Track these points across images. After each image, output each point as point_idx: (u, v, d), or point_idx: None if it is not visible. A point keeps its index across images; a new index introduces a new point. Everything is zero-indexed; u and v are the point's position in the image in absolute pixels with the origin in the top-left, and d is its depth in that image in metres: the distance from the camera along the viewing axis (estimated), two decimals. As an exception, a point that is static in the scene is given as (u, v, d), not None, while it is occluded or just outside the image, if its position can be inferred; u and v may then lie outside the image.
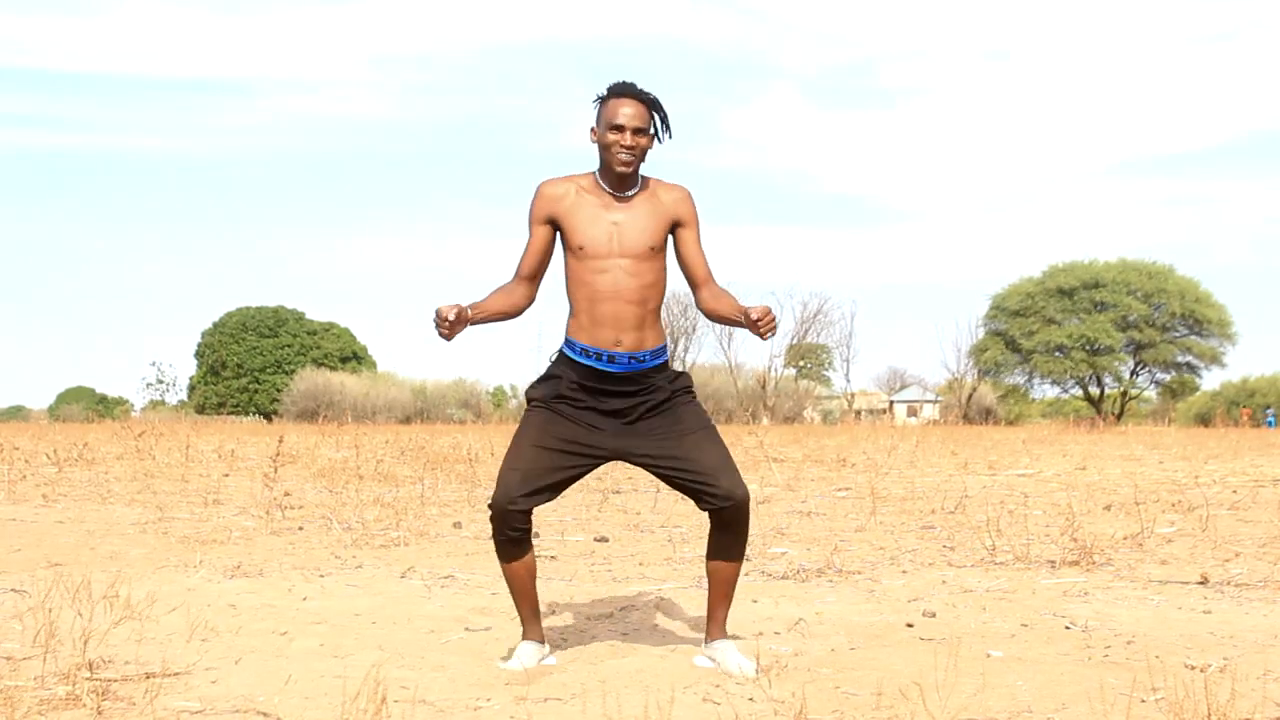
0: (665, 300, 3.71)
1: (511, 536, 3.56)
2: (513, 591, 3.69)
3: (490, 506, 3.55)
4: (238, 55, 79.76)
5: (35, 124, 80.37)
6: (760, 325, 3.39)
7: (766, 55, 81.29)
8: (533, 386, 3.65)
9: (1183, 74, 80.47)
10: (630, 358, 3.54)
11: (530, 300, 3.70)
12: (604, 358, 3.53)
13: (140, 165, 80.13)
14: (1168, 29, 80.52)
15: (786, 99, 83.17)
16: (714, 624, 3.70)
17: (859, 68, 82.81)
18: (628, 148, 3.50)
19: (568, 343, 3.61)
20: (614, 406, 3.55)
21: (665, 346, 3.65)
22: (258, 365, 56.06)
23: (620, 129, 3.49)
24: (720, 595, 3.68)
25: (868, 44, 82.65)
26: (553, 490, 3.57)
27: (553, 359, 3.65)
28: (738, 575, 3.68)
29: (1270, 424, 42.43)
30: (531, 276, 3.67)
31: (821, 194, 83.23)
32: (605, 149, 3.53)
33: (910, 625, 4.34)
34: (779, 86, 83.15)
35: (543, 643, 3.75)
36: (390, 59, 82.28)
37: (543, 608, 3.81)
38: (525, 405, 3.68)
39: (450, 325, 3.47)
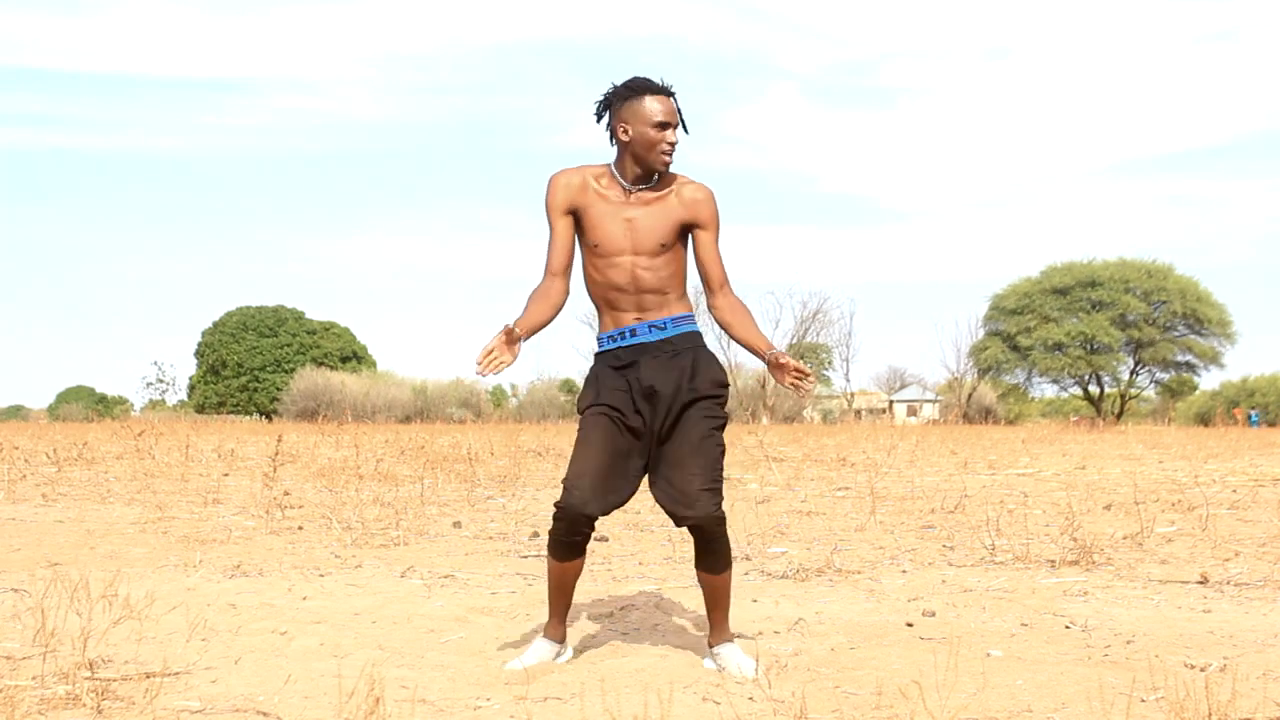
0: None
1: (574, 541, 3.54)
2: (552, 589, 3.67)
3: (560, 509, 3.48)
4: (238, 55, 79.87)
5: (35, 124, 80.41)
6: (795, 382, 3.39)
7: (766, 55, 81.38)
8: (581, 395, 3.64)
9: (1183, 74, 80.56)
10: (650, 326, 3.51)
11: (567, 294, 3.64)
12: (626, 334, 3.52)
13: (140, 165, 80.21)
14: (1168, 29, 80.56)
15: (786, 99, 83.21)
16: (714, 629, 3.68)
17: (859, 68, 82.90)
18: (673, 144, 3.48)
19: (597, 341, 3.61)
20: (648, 382, 3.48)
21: (692, 316, 3.59)
22: (257, 365, 56.05)
23: (666, 126, 3.46)
24: (712, 603, 3.65)
25: (868, 44, 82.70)
26: (626, 492, 3.52)
27: (592, 366, 3.64)
28: (726, 585, 3.63)
29: (1254, 423, 42.43)
30: (564, 270, 3.62)
31: (821, 194, 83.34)
32: (649, 147, 3.46)
33: (910, 625, 4.34)
34: (779, 86, 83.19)
35: (561, 642, 3.73)
36: (390, 59, 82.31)
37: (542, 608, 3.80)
38: (577, 415, 3.64)
39: (505, 352, 3.44)
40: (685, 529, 3.53)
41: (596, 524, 3.58)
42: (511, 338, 3.45)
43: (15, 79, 79.65)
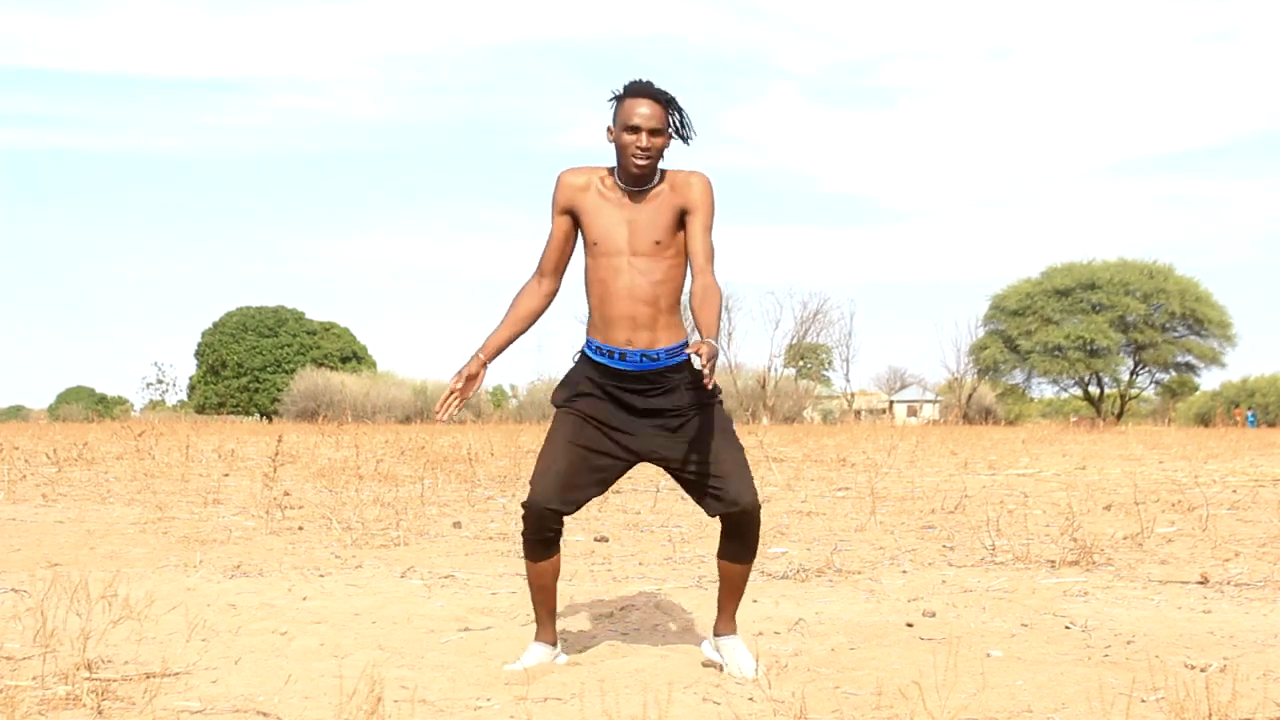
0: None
1: (545, 538, 3.56)
2: (533, 590, 3.68)
3: (525, 507, 3.53)
4: (238, 55, 79.83)
5: (35, 124, 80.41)
6: (700, 368, 3.24)
7: (766, 55, 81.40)
8: (556, 390, 3.65)
9: (1183, 74, 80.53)
10: (642, 356, 3.51)
11: (553, 296, 3.69)
12: (615, 355, 3.52)
13: (140, 165, 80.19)
14: (1168, 29, 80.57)
15: (786, 99, 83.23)
16: (722, 618, 3.69)
17: (859, 68, 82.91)
18: (643, 149, 3.45)
19: (586, 342, 3.62)
20: (631, 404, 3.52)
21: (684, 345, 3.56)
22: (258, 365, 56.02)
23: (636, 130, 3.45)
24: (728, 592, 3.68)
25: (868, 44, 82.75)
26: (590, 490, 3.57)
27: (575, 358, 3.65)
28: (747, 576, 3.68)
29: (1251, 423, 42.43)
30: (555, 270, 3.66)
31: (821, 194, 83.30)
32: (621, 150, 3.48)
33: (910, 625, 4.34)
34: (779, 86, 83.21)
35: (555, 644, 3.74)
36: (390, 59, 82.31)
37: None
38: (553, 409, 3.66)
39: (464, 389, 3.57)
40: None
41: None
42: (476, 371, 3.61)
43: (15, 79, 79.59)
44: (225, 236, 79.94)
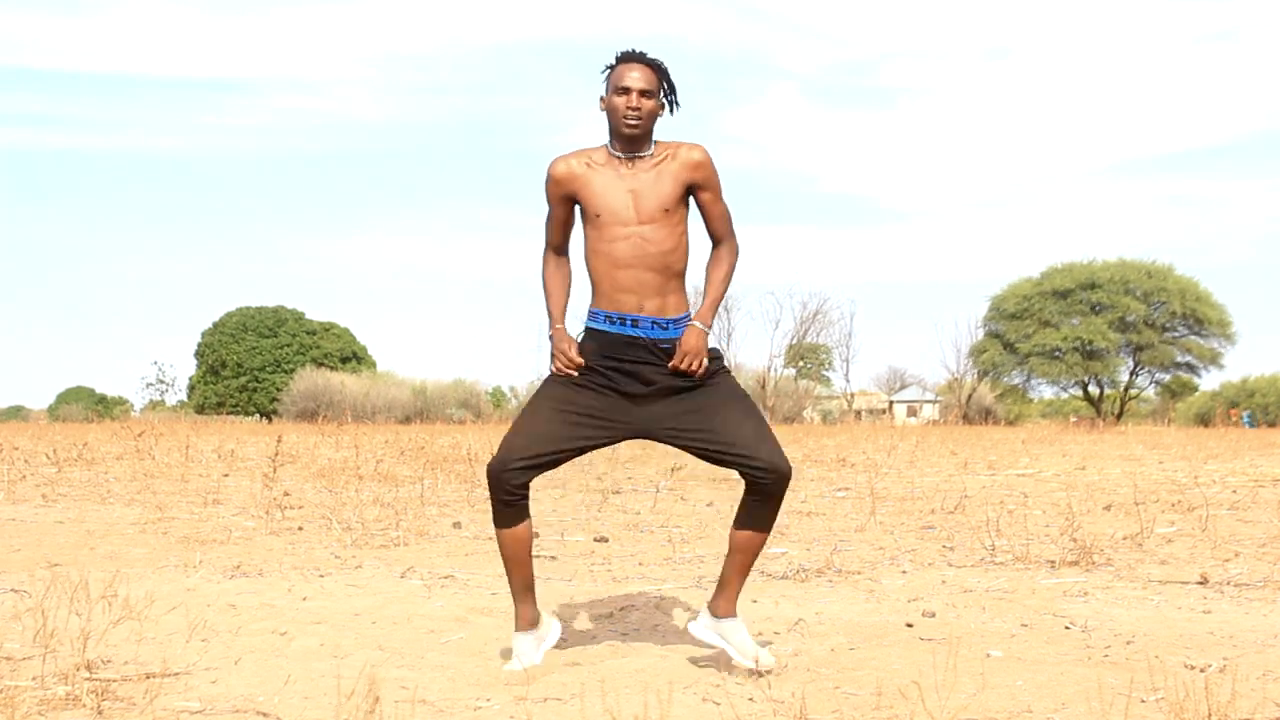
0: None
1: (506, 500, 3.53)
2: (506, 563, 3.65)
3: (488, 468, 3.54)
4: (238, 55, 79.66)
5: (35, 124, 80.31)
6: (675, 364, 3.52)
7: (766, 55, 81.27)
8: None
9: (1183, 74, 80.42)
10: (653, 323, 3.53)
11: (569, 265, 3.76)
12: (627, 322, 3.53)
13: (140, 165, 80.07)
14: (1168, 29, 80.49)
15: (786, 99, 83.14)
16: (725, 597, 3.65)
17: (859, 68, 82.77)
18: (634, 109, 3.50)
19: (590, 314, 3.62)
20: (641, 375, 3.52)
21: (690, 315, 3.60)
22: (257, 365, 56.01)
23: (626, 91, 3.51)
24: (739, 566, 3.63)
25: (868, 44, 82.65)
26: (556, 460, 3.55)
27: (579, 336, 3.65)
28: (760, 549, 3.65)
29: (1247, 423, 42.39)
30: (563, 244, 3.73)
31: (821, 194, 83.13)
32: (613, 112, 3.54)
33: (910, 625, 4.34)
34: (779, 86, 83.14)
35: (537, 625, 3.68)
36: (390, 59, 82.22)
37: (542, 609, 3.78)
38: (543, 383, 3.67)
39: (574, 353, 3.57)
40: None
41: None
42: (567, 338, 3.62)
43: (15, 79, 79.45)
44: (225, 236, 79.80)
